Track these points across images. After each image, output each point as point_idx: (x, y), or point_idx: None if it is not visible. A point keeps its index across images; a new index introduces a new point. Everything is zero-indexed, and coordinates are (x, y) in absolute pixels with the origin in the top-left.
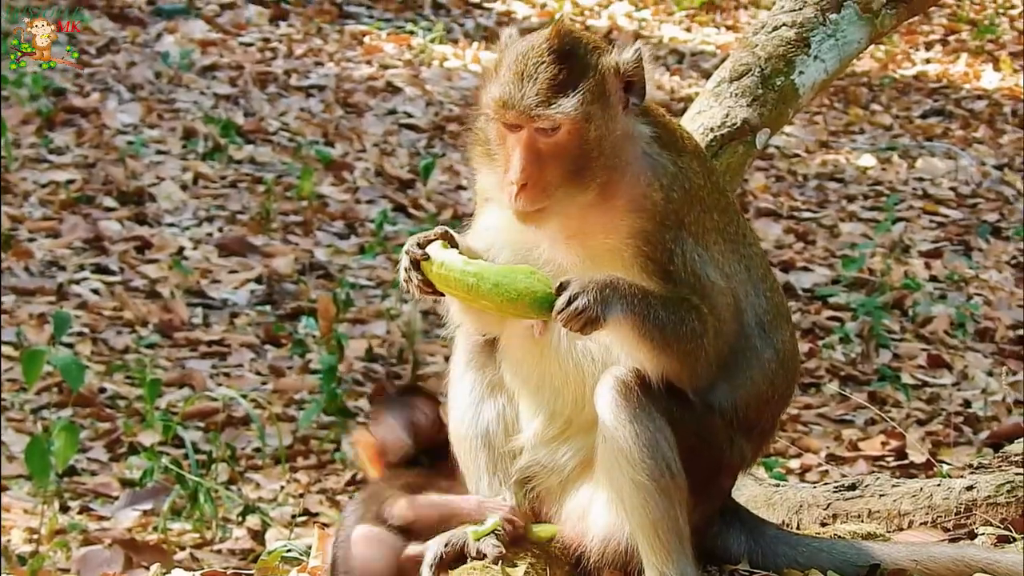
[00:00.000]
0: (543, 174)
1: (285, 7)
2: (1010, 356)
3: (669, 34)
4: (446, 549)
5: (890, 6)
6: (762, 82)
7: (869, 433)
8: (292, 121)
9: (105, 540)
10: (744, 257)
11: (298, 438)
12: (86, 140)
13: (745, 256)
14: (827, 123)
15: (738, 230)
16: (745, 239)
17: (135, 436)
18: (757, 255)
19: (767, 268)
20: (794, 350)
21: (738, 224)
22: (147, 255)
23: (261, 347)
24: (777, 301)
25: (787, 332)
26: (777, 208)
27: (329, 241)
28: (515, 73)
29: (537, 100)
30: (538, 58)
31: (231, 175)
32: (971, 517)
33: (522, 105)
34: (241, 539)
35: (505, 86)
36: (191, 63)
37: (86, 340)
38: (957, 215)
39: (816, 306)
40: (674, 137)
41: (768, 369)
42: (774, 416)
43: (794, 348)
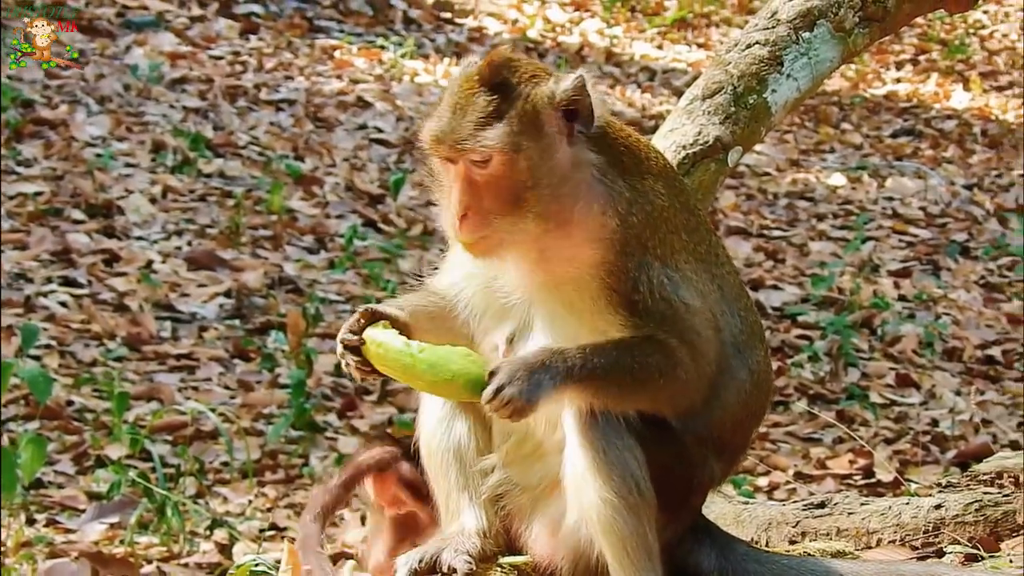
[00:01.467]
0: (481, 204)
1: (255, 20)
2: (978, 375)
3: (641, 51)
4: (420, 565)
5: (863, 25)
6: (734, 100)
7: (837, 451)
8: (262, 135)
9: (72, 553)
10: (716, 276)
11: (266, 452)
12: (54, 152)
13: (717, 276)
14: (798, 142)
15: (709, 249)
16: (717, 258)
17: (102, 449)
18: (730, 274)
19: (740, 287)
20: (767, 370)
21: (709, 243)
22: (115, 268)
23: (230, 361)
24: (751, 320)
25: (761, 352)
26: (747, 226)
27: (299, 256)
28: (447, 106)
29: (465, 133)
30: (469, 90)
31: (200, 189)
32: (939, 535)
33: (451, 139)
34: (208, 553)
35: (438, 119)
36: (160, 76)
37: (54, 353)
38: (926, 234)
39: (785, 324)
40: (636, 159)
41: (743, 390)
42: (746, 436)
43: (767, 368)
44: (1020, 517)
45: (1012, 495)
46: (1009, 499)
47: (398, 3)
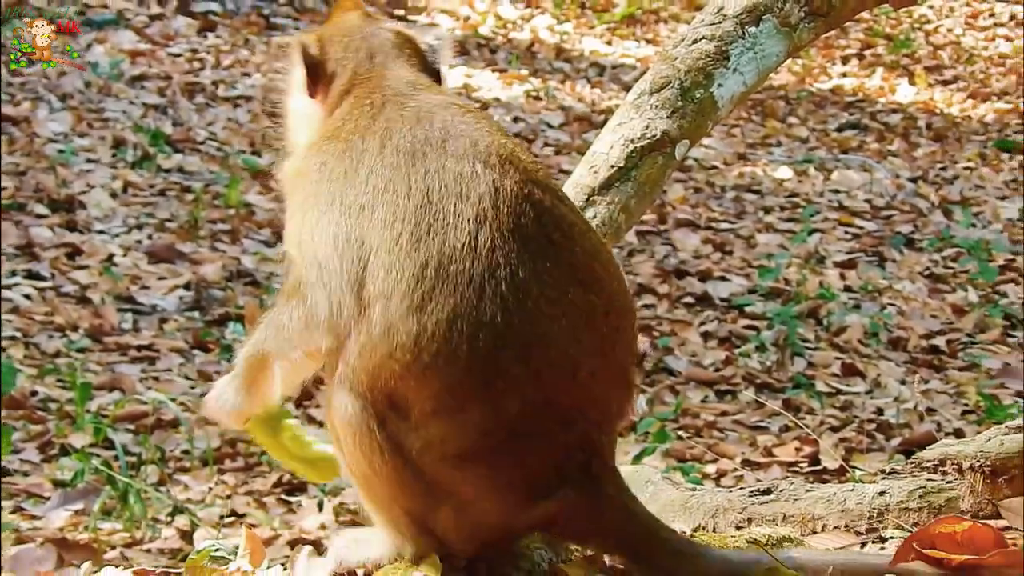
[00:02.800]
0: None
1: (213, 19)
2: (922, 365)
3: (590, 47)
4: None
5: (808, 20)
6: (682, 94)
7: (784, 439)
8: (220, 131)
9: (37, 539)
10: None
11: (226, 441)
12: (17, 148)
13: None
14: (745, 136)
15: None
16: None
17: (66, 438)
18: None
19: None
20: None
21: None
22: (78, 261)
23: (190, 352)
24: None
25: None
26: (695, 219)
27: (256, 249)
28: None
29: None
30: None
31: (160, 183)
32: (883, 521)
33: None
34: (170, 539)
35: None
36: (120, 73)
37: (18, 344)
38: (872, 227)
39: (733, 315)
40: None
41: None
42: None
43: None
44: (963, 503)
45: (955, 482)
46: (952, 486)
47: None
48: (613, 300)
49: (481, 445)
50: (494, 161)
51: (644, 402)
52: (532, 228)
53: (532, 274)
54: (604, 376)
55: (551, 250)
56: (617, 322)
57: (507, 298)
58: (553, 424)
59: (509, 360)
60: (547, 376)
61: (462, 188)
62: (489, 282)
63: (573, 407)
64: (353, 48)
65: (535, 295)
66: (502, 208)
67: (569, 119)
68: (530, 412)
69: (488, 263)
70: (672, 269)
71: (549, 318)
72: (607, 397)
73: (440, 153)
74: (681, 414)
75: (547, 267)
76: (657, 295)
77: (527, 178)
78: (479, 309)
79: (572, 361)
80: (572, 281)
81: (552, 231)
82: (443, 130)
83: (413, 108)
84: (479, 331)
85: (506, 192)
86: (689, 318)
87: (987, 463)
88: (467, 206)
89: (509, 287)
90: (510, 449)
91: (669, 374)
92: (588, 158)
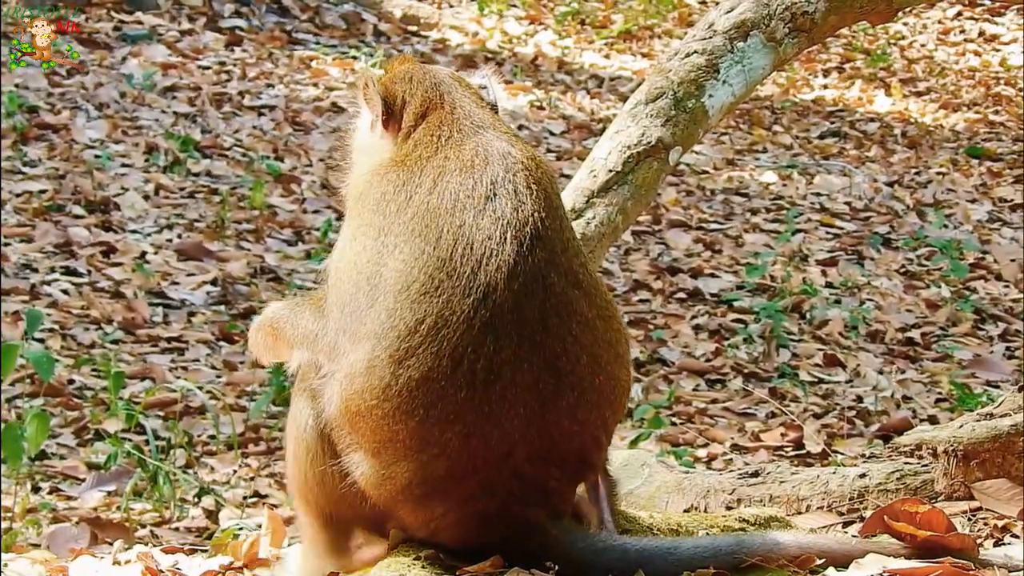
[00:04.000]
0: None
1: (239, 34)
2: (899, 356)
3: (590, 60)
4: None
5: (792, 36)
6: (675, 104)
7: (770, 425)
8: (245, 138)
9: (73, 518)
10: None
11: (249, 426)
12: (57, 154)
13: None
14: (733, 142)
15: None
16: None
17: (101, 424)
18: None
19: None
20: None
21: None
22: (112, 259)
23: (216, 343)
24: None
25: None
26: (687, 220)
27: (279, 247)
28: None
29: None
30: None
31: (189, 186)
32: (864, 502)
33: None
34: (197, 518)
35: None
36: (153, 84)
37: (56, 336)
38: (851, 227)
39: (722, 309)
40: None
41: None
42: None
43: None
44: (938, 485)
45: (930, 465)
46: (927, 469)
47: (369, 17)
48: (586, 395)
49: (404, 495)
50: (526, 233)
51: (639, 390)
52: (532, 311)
53: (512, 357)
54: (545, 460)
55: (541, 336)
56: (584, 415)
57: (478, 376)
58: (474, 490)
59: (454, 433)
60: (481, 453)
61: (484, 252)
62: (469, 356)
63: (499, 482)
64: (418, 81)
65: (506, 379)
66: (512, 284)
67: (570, 127)
68: (456, 476)
69: (477, 338)
70: (666, 266)
71: (509, 403)
72: (543, 477)
73: (480, 210)
74: (674, 402)
75: (529, 353)
76: (652, 291)
77: (550, 259)
78: (449, 380)
79: (512, 445)
80: (549, 370)
81: (550, 317)
82: (491, 185)
83: (471, 151)
84: (439, 401)
85: (523, 270)
86: (681, 312)
87: (960, 448)
88: (482, 273)
89: (484, 366)
90: (427, 503)
91: (663, 364)
92: (588, 163)
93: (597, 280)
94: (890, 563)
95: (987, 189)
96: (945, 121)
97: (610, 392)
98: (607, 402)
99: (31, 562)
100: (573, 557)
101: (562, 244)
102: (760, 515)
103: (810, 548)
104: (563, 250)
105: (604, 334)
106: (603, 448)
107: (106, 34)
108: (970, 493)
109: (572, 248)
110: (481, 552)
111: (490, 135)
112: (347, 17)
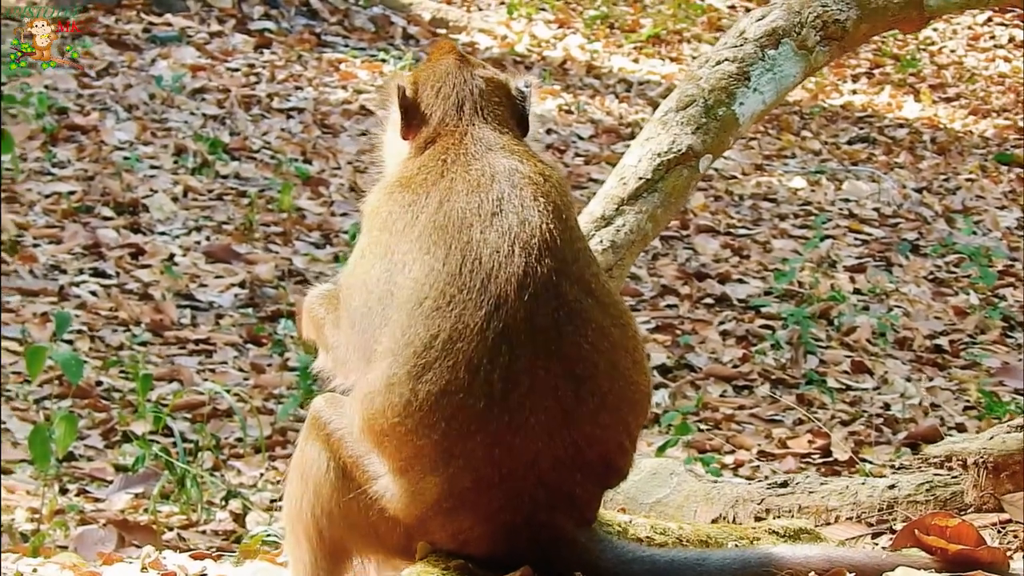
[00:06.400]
0: None
1: (268, 36)
2: (927, 363)
3: (618, 65)
4: None
5: (823, 44)
6: (705, 112)
7: (797, 432)
8: (274, 140)
9: (100, 520)
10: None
11: (276, 429)
12: (86, 155)
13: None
14: (762, 148)
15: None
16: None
17: (128, 426)
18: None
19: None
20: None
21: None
22: (140, 261)
23: (244, 346)
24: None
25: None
26: (715, 225)
27: (306, 250)
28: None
29: None
30: None
31: (217, 189)
32: (893, 513)
33: None
34: (224, 521)
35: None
36: (182, 86)
37: (84, 337)
38: (879, 233)
39: (750, 315)
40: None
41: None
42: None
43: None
44: (968, 497)
45: (960, 477)
46: (957, 480)
47: (398, 20)
48: (607, 400)
49: (434, 510)
50: (534, 244)
51: (667, 396)
52: (545, 320)
53: (528, 366)
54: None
55: (556, 344)
56: (607, 420)
57: (496, 386)
58: (501, 500)
59: (476, 444)
60: (506, 463)
61: (494, 266)
62: (486, 367)
63: (525, 491)
64: (444, 95)
65: (524, 388)
66: (523, 295)
67: (598, 131)
68: (483, 487)
69: (491, 349)
70: (693, 272)
71: (529, 411)
72: (569, 484)
73: (487, 226)
74: (701, 408)
75: (545, 361)
76: (679, 296)
77: (560, 269)
78: (467, 392)
79: (536, 453)
80: (567, 377)
81: (565, 325)
82: (497, 202)
83: (477, 171)
84: (460, 412)
85: (533, 279)
86: (709, 318)
87: (990, 459)
88: (492, 285)
89: (502, 375)
90: (456, 517)
91: (690, 370)
92: (618, 170)
93: (611, 289)
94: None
95: (1016, 196)
96: (974, 127)
97: (631, 397)
98: (629, 407)
99: (60, 567)
100: (601, 567)
101: (573, 254)
102: (790, 527)
103: (839, 562)
104: (574, 260)
105: (620, 340)
106: (627, 453)
107: (135, 35)
108: (1000, 505)
109: (584, 258)
110: (511, 562)
111: (498, 155)
112: (376, 20)
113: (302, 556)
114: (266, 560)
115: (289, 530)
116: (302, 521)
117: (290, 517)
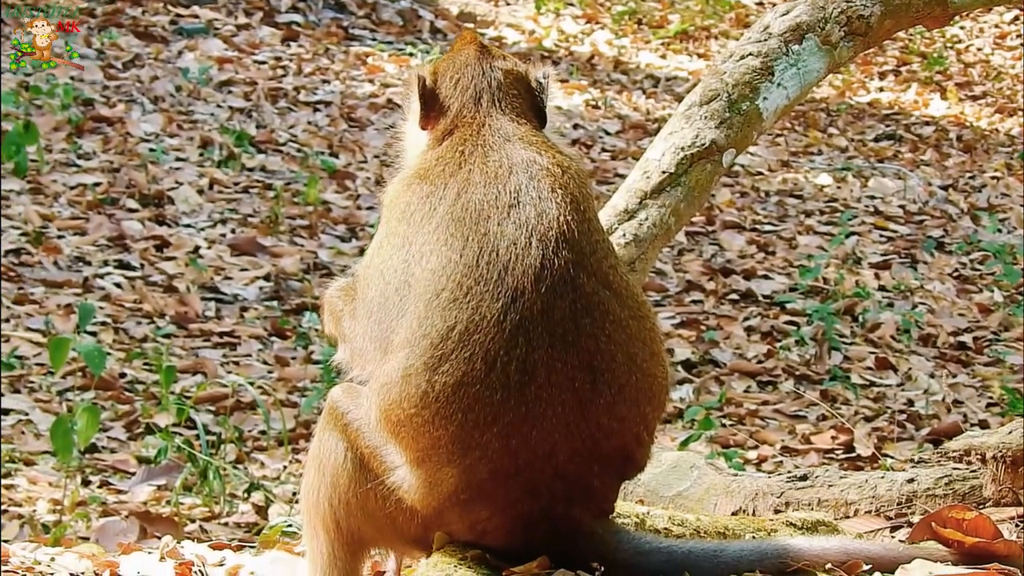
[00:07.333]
0: None
1: (296, 29)
2: (951, 360)
3: (646, 60)
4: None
5: (847, 39)
6: (729, 106)
7: (820, 428)
8: (300, 133)
9: (122, 512)
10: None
11: (300, 422)
12: (112, 147)
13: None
14: (788, 144)
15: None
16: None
17: (151, 418)
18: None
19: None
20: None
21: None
22: (165, 253)
23: (268, 339)
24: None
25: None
26: (741, 221)
27: (332, 243)
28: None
29: None
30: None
31: (243, 181)
32: (912, 507)
33: None
34: (246, 513)
35: None
36: (209, 78)
37: (108, 329)
38: (905, 230)
39: (775, 311)
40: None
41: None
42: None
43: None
44: (986, 491)
45: (979, 471)
46: (976, 474)
47: (426, 14)
48: (624, 391)
49: (451, 500)
50: (551, 236)
51: (691, 391)
52: (562, 312)
53: (546, 358)
54: (587, 459)
55: (573, 336)
56: (624, 412)
57: (512, 377)
58: (518, 491)
59: (493, 435)
60: (523, 454)
61: (511, 258)
62: (502, 359)
63: (542, 483)
64: (462, 87)
65: (540, 379)
66: (540, 287)
67: (625, 127)
68: (500, 478)
69: (508, 340)
70: (719, 267)
71: (546, 402)
72: (586, 475)
73: (504, 217)
74: (725, 403)
75: (562, 353)
76: (704, 291)
77: (578, 261)
78: (484, 383)
79: (553, 444)
80: (584, 369)
81: (582, 317)
82: (515, 193)
83: (495, 163)
84: (476, 404)
85: (550, 271)
86: (734, 313)
87: (1009, 454)
88: (509, 277)
89: (518, 367)
90: (473, 508)
91: (715, 365)
92: (641, 164)
93: (629, 281)
94: (937, 569)
95: None
96: (1000, 125)
97: (648, 389)
98: (646, 398)
99: (79, 556)
100: (619, 558)
101: (591, 246)
102: (807, 519)
103: (856, 554)
104: (591, 252)
105: (638, 333)
106: (645, 445)
107: (162, 27)
108: (1018, 499)
109: (602, 250)
110: (528, 553)
111: (516, 146)
112: (404, 14)
113: (319, 546)
114: (284, 550)
115: (306, 520)
116: (319, 511)
117: (307, 507)
